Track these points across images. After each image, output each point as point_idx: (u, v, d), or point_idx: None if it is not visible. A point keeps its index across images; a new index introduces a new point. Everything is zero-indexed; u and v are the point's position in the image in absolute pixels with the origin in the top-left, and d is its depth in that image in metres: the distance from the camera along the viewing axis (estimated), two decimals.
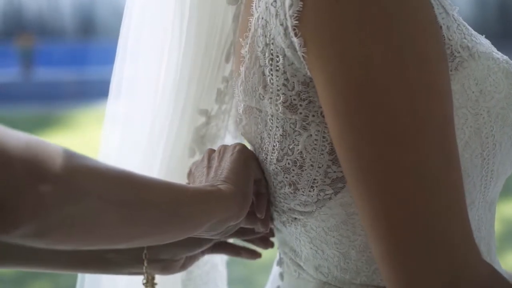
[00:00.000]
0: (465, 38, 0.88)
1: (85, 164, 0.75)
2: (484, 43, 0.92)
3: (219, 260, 1.19)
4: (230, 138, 1.13)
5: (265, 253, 1.17)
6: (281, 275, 1.06)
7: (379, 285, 0.94)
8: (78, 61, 14.59)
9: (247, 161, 0.96)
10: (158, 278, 1.03)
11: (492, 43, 0.95)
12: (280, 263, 1.07)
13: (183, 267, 1.05)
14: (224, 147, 1.00)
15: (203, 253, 1.08)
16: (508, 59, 0.94)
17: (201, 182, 0.97)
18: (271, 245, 1.08)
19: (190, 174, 1.03)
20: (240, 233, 1.06)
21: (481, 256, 0.84)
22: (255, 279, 4.08)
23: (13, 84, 12.81)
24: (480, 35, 0.93)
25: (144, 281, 0.99)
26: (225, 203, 0.90)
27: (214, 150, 1.02)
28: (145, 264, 0.98)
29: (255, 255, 1.11)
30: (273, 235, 1.08)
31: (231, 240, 1.15)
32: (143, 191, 0.82)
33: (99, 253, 0.96)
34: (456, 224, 0.81)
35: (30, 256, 0.92)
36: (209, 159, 1.00)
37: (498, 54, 0.93)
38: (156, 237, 0.86)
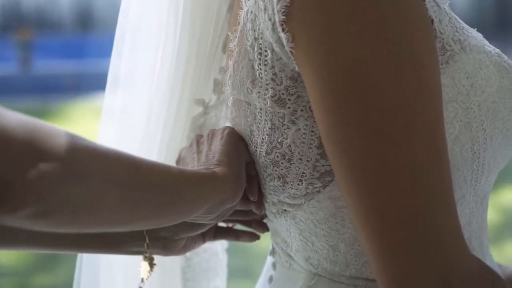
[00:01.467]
0: (457, 31, 0.87)
1: (86, 145, 0.74)
2: (475, 36, 0.91)
3: (219, 248, 1.19)
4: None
5: (264, 242, 1.17)
6: (274, 265, 1.05)
7: (368, 277, 0.93)
8: (75, 54, 14.57)
9: (238, 144, 0.95)
10: (158, 266, 1.04)
11: (489, 33, 0.95)
12: (272, 253, 1.07)
13: (184, 248, 1.05)
14: (212, 132, 0.99)
15: (204, 240, 1.08)
16: (500, 52, 0.93)
17: (193, 167, 0.96)
18: (267, 228, 1.08)
19: (179, 160, 1.03)
20: (237, 215, 1.05)
21: (470, 250, 0.84)
22: (253, 269, 4.08)
23: (11, 77, 12.80)
24: (471, 28, 0.93)
25: (144, 257, 0.99)
26: (220, 186, 0.89)
27: (202, 136, 1.01)
28: (147, 240, 0.98)
29: (254, 237, 1.10)
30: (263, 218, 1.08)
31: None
32: (144, 173, 0.81)
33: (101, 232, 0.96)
34: (448, 220, 0.80)
35: (33, 236, 0.93)
36: (198, 145, 0.99)
37: (490, 47, 0.91)
38: (156, 220, 0.86)
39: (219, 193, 0.90)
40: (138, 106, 1.09)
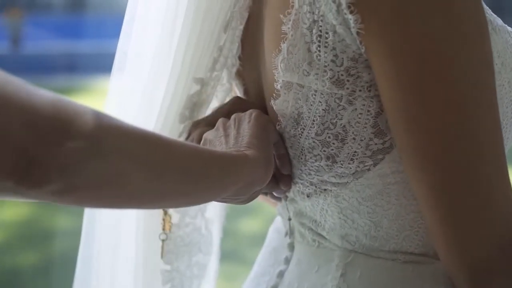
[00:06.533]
0: (486, 12, 0.90)
1: (112, 123, 0.76)
2: (498, 17, 0.95)
3: (202, 224, 1.18)
4: (216, 103, 1.13)
5: (255, 227, 1.16)
6: (291, 246, 1.07)
7: (407, 251, 0.96)
8: (67, 35, 14.57)
9: (266, 126, 0.97)
10: (136, 238, 1.08)
11: None
12: (290, 234, 1.07)
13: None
14: (239, 115, 1.00)
15: None
16: None
17: (222, 150, 0.96)
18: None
19: (205, 143, 1.01)
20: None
21: None
22: (244, 253, 4.08)
23: (1, 58, 12.80)
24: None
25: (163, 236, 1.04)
26: (251, 167, 0.91)
27: (227, 119, 1.02)
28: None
29: None
30: None
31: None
32: (170, 151, 0.82)
33: None
34: (508, 189, 0.85)
35: None
36: (225, 128, 0.99)
37: (509, 28, 0.97)
38: (182, 200, 0.87)
39: (250, 174, 0.91)
40: (137, 83, 1.09)
